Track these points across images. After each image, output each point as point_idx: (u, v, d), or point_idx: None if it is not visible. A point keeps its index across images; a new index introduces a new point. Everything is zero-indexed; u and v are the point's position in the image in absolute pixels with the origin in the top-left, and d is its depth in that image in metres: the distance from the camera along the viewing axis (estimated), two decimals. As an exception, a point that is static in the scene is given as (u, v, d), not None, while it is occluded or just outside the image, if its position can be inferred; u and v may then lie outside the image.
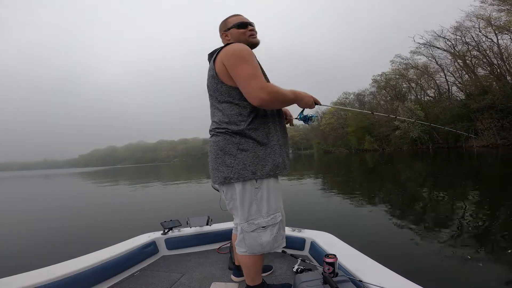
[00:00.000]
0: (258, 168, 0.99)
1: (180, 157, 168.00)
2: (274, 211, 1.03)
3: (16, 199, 10.55)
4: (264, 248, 1.04)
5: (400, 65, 39.52)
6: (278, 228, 1.05)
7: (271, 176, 1.02)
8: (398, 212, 4.22)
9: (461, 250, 2.49)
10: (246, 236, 1.04)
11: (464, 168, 10.63)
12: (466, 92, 29.66)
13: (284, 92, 0.98)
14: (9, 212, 7.04)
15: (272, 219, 1.02)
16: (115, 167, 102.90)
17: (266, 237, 1.02)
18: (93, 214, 5.73)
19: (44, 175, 42.29)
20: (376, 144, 40.90)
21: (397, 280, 1.08)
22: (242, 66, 0.93)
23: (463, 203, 4.45)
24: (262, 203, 1.01)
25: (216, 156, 1.02)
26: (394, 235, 3.13)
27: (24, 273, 1.25)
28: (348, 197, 5.71)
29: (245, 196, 1.01)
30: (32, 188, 15.85)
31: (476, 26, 28.07)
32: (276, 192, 1.05)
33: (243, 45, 0.99)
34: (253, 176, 0.98)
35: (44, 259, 2.40)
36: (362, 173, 11.33)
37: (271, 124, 1.05)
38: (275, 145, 1.04)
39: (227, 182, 1.01)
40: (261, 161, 1.00)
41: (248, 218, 1.02)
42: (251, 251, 1.06)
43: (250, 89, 0.92)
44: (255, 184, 1.00)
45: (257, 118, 1.01)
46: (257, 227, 1.02)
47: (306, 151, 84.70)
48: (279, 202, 1.06)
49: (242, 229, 1.05)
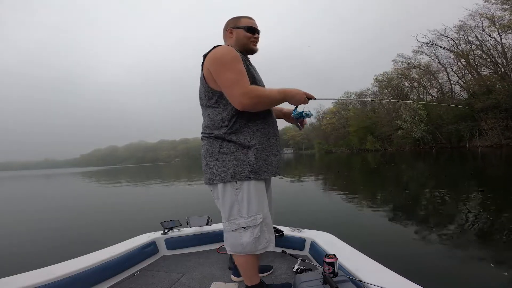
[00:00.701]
0: (238, 171, 1.02)
1: (181, 156, 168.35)
2: (255, 212, 1.04)
3: (16, 199, 10.58)
4: (245, 248, 1.06)
5: (403, 65, 39.40)
6: (260, 230, 1.05)
7: (251, 179, 1.03)
8: (398, 212, 4.20)
9: (461, 251, 2.48)
10: (228, 235, 1.09)
11: (468, 168, 10.55)
12: (469, 91, 29.41)
13: (269, 93, 1.00)
14: (9, 212, 7.06)
15: (252, 220, 1.04)
16: (116, 167, 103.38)
17: (246, 237, 1.05)
18: (93, 214, 5.74)
19: (45, 175, 42.34)
20: (378, 144, 40.75)
21: (397, 280, 1.07)
22: (225, 72, 0.96)
23: (465, 204, 4.43)
24: (242, 204, 1.04)
25: (203, 159, 1.09)
26: (394, 235, 3.13)
27: (24, 273, 1.25)
28: (349, 197, 5.70)
29: (226, 196, 1.05)
30: (32, 188, 15.89)
31: (479, 25, 27.92)
32: (258, 195, 1.05)
33: (229, 48, 1.00)
34: (232, 179, 1.02)
35: (44, 259, 2.40)
36: (363, 173, 11.29)
37: (256, 128, 1.06)
38: (258, 148, 1.05)
39: (211, 183, 1.07)
40: (241, 164, 1.02)
41: (229, 218, 1.06)
42: (233, 250, 1.09)
43: (233, 94, 0.96)
44: (235, 185, 1.03)
45: (240, 122, 1.03)
46: (238, 227, 1.05)
47: (307, 151, 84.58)
48: (262, 205, 1.07)
49: (224, 228, 1.10)
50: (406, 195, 5.73)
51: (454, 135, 29.04)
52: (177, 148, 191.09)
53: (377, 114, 44.13)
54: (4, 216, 6.45)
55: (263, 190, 1.09)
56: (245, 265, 1.13)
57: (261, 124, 1.07)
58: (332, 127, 56.75)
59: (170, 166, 50.49)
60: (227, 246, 1.12)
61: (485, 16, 26.61)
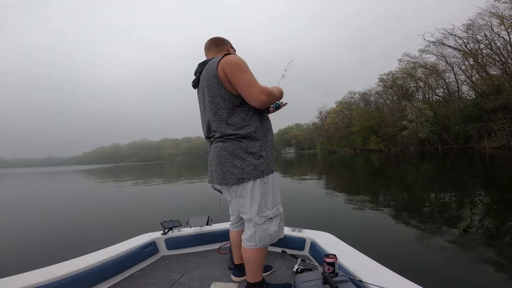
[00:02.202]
0: (264, 167, 1.13)
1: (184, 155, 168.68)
2: (277, 202, 1.17)
3: (17, 197, 10.57)
4: (272, 238, 1.15)
5: (408, 64, 38.87)
6: (280, 219, 1.18)
7: (273, 171, 1.18)
8: (398, 212, 4.15)
9: (461, 251, 2.46)
10: (258, 229, 1.14)
11: (476, 169, 10.24)
12: (478, 91, 28.74)
13: (274, 91, 1.15)
14: (10, 210, 7.10)
15: (276, 210, 1.15)
16: (118, 165, 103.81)
17: (274, 227, 1.15)
18: (93, 214, 5.75)
19: (48, 172, 42.47)
20: (382, 145, 40.35)
21: (397, 280, 1.07)
22: (244, 74, 1.08)
23: (469, 205, 4.35)
24: (268, 197, 1.14)
25: (226, 160, 1.12)
26: (395, 235, 3.11)
27: (24, 273, 1.25)
28: (349, 197, 5.66)
29: (255, 193, 1.12)
30: (34, 186, 15.89)
31: (488, 24, 27.38)
32: (276, 185, 1.19)
33: (240, 57, 1.15)
34: (262, 174, 1.12)
35: (44, 259, 2.41)
36: (366, 174, 11.18)
37: (266, 126, 1.20)
38: (271, 144, 1.20)
39: (240, 182, 1.11)
40: (266, 160, 1.14)
41: (258, 212, 1.13)
42: (262, 244, 1.15)
43: (251, 93, 1.07)
44: (263, 180, 1.13)
45: (257, 121, 1.15)
46: (266, 219, 1.13)
47: (309, 151, 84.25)
48: (279, 195, 1.20)
49: (254, 222, 1.14)
50: (408, 195, 5.67)
51: (461, 135, 28.47)
52: (180, 147, 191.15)
53: (381, 113, 43.69)
54: (4, 214, 6.46)
55: (276, 179, 1.23)
56: (259, 260, 1.18)
57: (268, 123, 1.23)
58: (335, 127, 56.32)
59: (172, 164, 50.64)
60: (252, 241, 1.15)
61: (495, 15, 26.08)
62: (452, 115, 29.59)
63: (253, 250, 1.16)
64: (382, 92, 46.87)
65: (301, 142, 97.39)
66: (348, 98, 56.17)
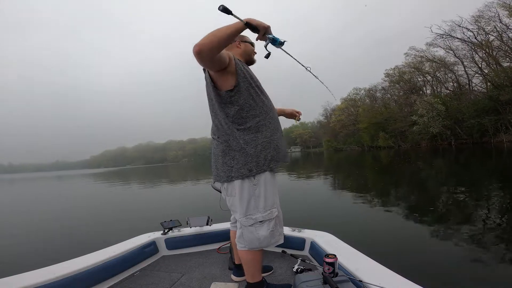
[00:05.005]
0: (253, 165, 1.07)
1: (189, 157, 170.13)
2: (270, 206, 1.10)
3: (22, 201, 10.86)
4: (262, 242, 1.09)
5: (415, 58, 37.92)
6: (274, 224, 1.11)
7: (265, 170, 1.09)
8: (399, 212, 4.04)
9: (462, 251, 2.41)
10: (245, 231, 1.11)
11: (491, 165, 9.60)
12: (493, 83, 27.45)
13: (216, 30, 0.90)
14: (13, 213, 7.28)
15: (268, 214, 1.09)
16: (124, 168, 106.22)
17: (263, 231, 1.08)
18: (94, 214, 5.85)
19: (57, 177, 43.58)
20: (391, 141, 39.50)
21: (397, 280, 1.06)
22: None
23: (472, 205, 4.18)
24: (259, 199, 1.08)
25: (219, 158, 1.13)
26: (395, 235, 3.07)
27: (24, 273, 1.27)
28: (349, 197, 5.59)
29: (244, 192, 1.08)
30: (41, 190, 16.36)
31: (497, 16, 26.40)
32: (272, 187, 1.12)
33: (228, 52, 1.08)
34: (250, 173, 1.07)
35: (44, 259, 2.46)
36: (373, 172, 10.96)
37: (261, 123, 1.12)
38: (266, 140, 1.11)
39: (229, 180, 1.11)
40: (255, 158, 1.08)
41: (246, 213, 1.09)
42: (250, 246, 1.11)
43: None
44: (253, 181, 1.08)
45: (248, 118, 1.09)
46: (255, 221, 1.08)
47: (315, 149, 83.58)
48: (275, 198, 1.13)
49: (241, 223, 1.12)
50: (413, 195, 5.54)
51: (476, 129, 27.08)
52: (185, 148, 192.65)
53: (388, 109, 42.80)
54: (6, 217, 6.65)
55: (275, 181, 1.16)
56: (252, 261, 1.15)
57: (265, 119, 1.13)
58: (341, 124, 55.66)
59: (177, 166, 51.26)
60: (241, 242, 1.14)
61: (504, 6, 25.12)
62: (465, 108, 28.34)
63: (245, 251, 1.14)
64: (388, 88, 45.99)
65: (306, 141, 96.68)
66: (353, 95, 55.42)
